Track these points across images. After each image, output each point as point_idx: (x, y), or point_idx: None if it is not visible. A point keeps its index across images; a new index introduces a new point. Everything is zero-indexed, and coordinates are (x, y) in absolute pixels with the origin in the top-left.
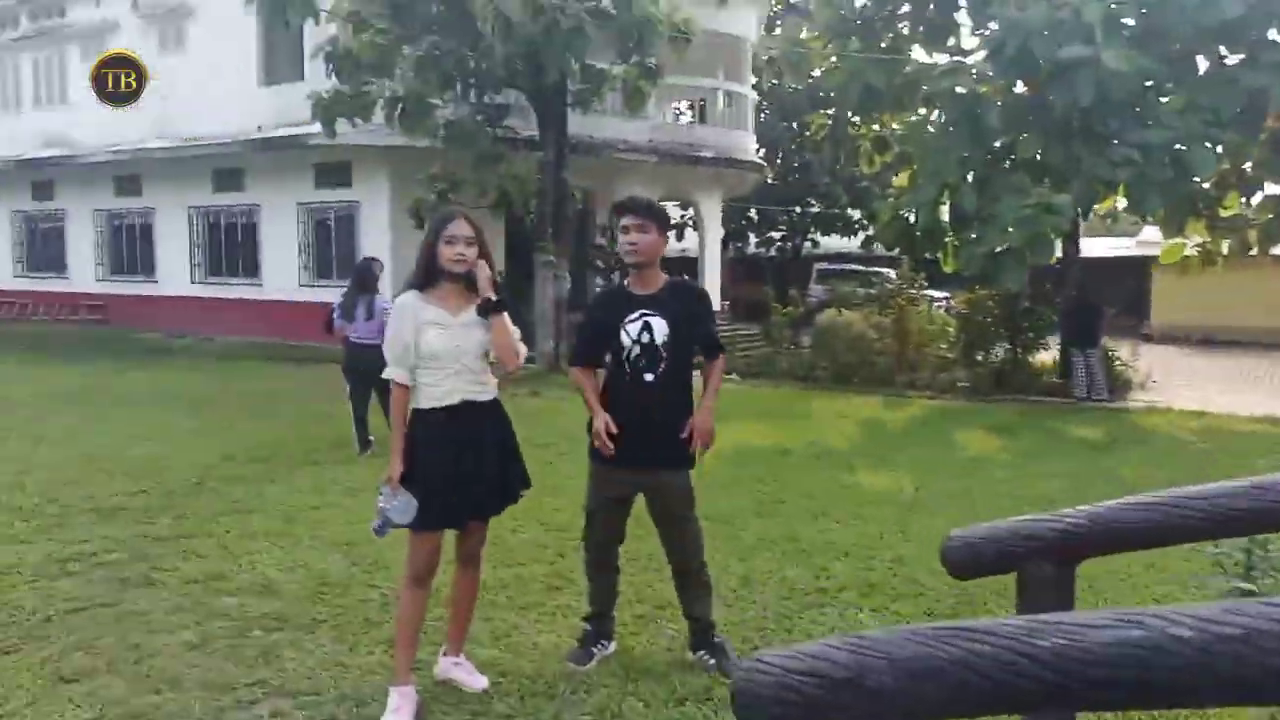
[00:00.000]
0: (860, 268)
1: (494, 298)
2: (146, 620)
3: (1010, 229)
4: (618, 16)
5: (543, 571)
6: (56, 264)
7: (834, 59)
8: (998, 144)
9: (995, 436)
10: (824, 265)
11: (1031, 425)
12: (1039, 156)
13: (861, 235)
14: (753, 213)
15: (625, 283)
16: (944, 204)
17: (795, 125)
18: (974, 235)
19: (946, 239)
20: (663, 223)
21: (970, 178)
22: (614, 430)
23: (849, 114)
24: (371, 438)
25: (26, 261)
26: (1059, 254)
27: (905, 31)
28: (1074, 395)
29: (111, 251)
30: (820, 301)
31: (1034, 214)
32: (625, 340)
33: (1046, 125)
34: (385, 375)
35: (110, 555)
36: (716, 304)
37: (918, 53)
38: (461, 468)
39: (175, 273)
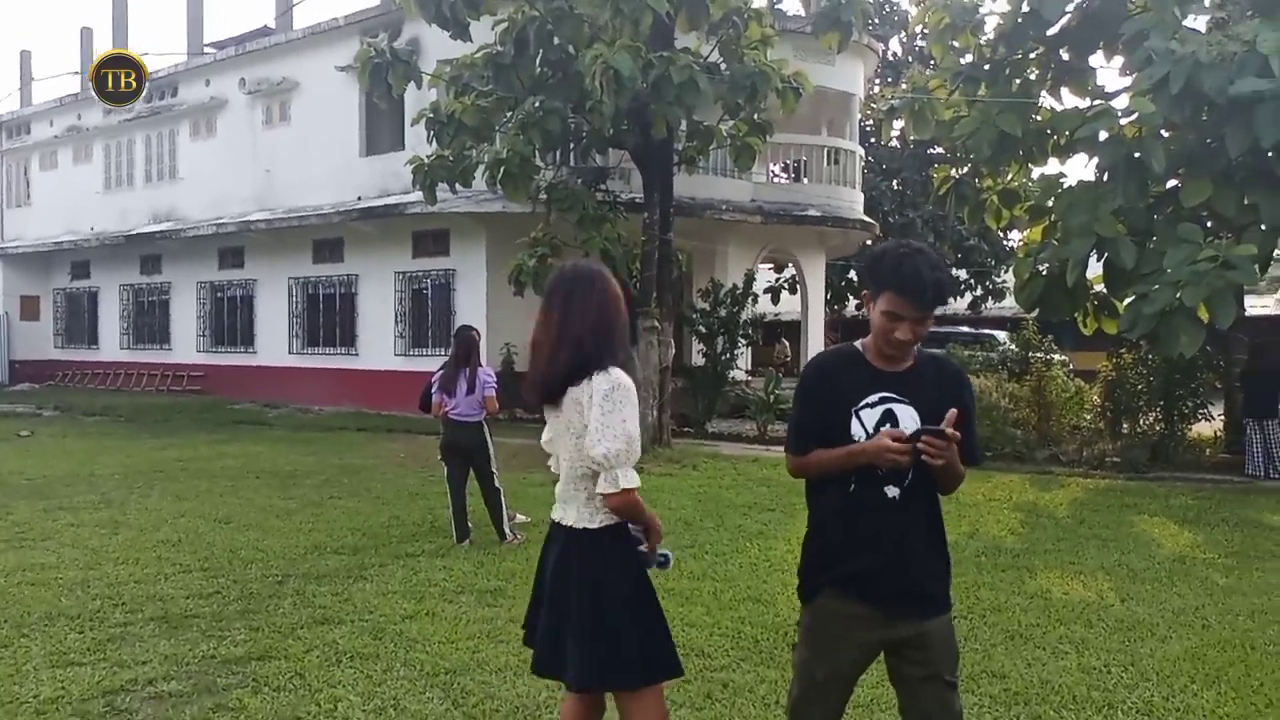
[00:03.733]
0: (968, 330)
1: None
2: None
3: (1182, 286)
4: (729, 70)
5: None
6: (160, 335)
7: (962, 107)
8: (1155, 192)
9: (1183, 528)
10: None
11: (1218, 512)
12: (1204, 204)
13: (969, 296)
14: (852, 274)
15: (859, 347)
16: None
17: (896, 183)
18: (1140, 294)
19: (1089, 299)
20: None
21: (1124, 230)
22: (900, 443)
23: (976, 166)
24: (471, 526)
25: (132, 333)
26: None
27: (1033, 77)
28: (1247, 472)
29: (213, 323)
30: None
31: (1211, 269)
32: (857, 432)
33: (1214, 169)
34: (625, 485)
35: (168, 684)
36: None
37: (1044, 100)
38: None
39: (274, 343)
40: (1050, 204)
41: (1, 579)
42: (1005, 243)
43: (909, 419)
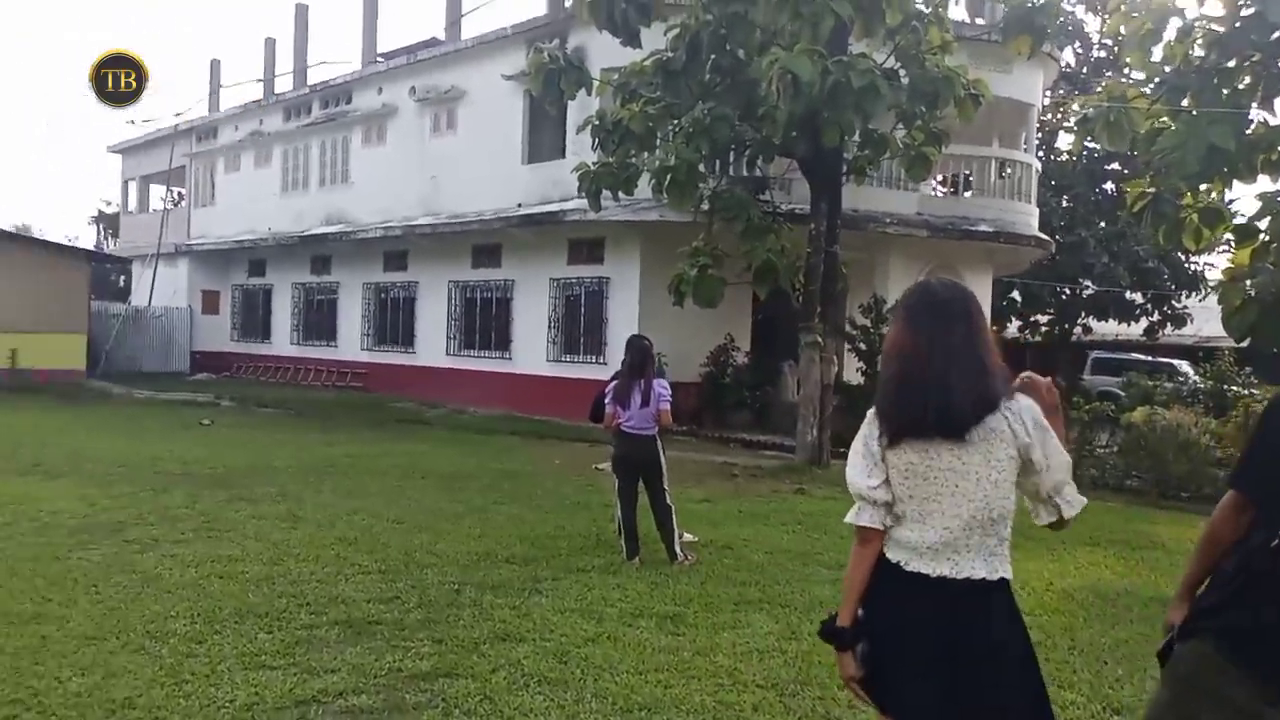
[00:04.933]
0: (1145, 357)
1: None
2: None
3: None
4: (908, 76)
5: None
6: (328, 333)
7: (1163, 118)
8: None
9: None
10: (1101, 354)
11: None
12: None
13: (1145, 322)
14: (1015, 294)
15: None
16: None
17: (1067, 199)
18: None
19: None
20: None
21: None
22: None
23: (1175, 181)
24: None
25: (302, 330)
26: None
27: (1242, 86)
28: None
29: (376, 323)
30: (1102, 394)
31: None
32: None
33: None
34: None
35: (359, 698)
36: None
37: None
38: None
39: (433, 344)
40: (1264, 225)
41: (194, 570)
42: (1187, 265)
43: None
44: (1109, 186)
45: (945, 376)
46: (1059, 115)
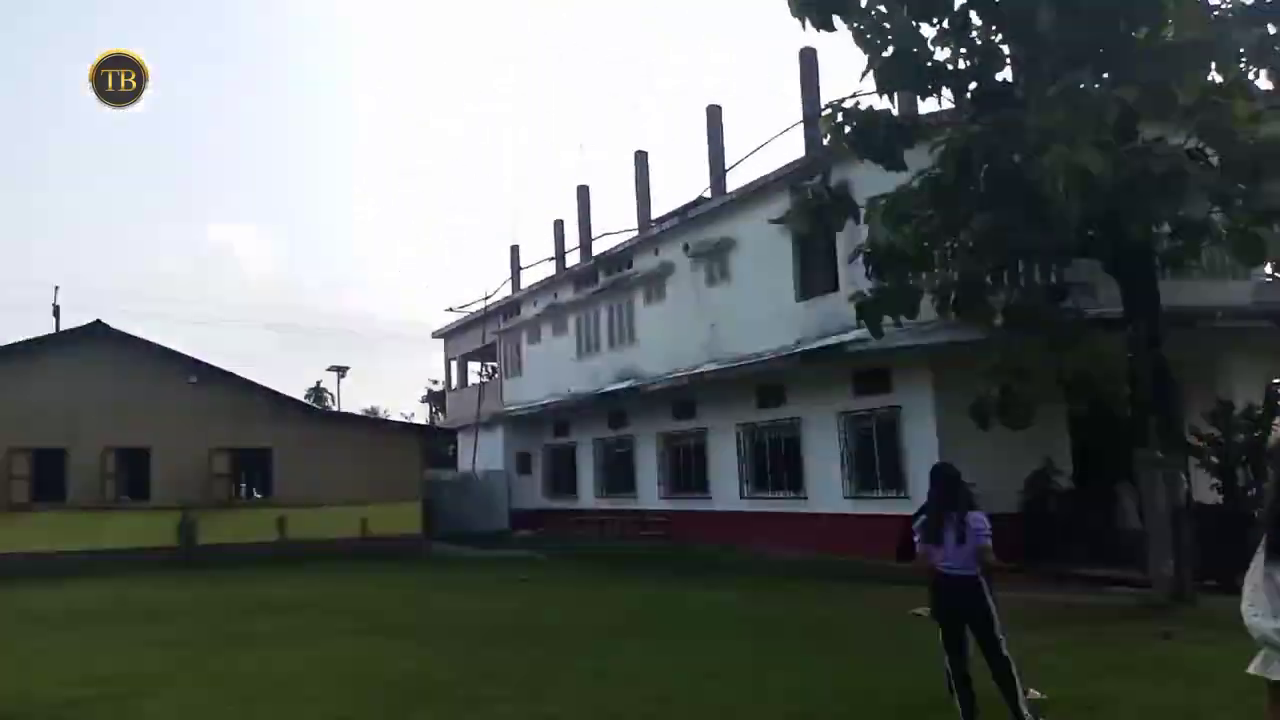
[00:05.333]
0: None
1: None
2: None
3: None
4: (1217, 154)
5: None
6: (627, 484)
7: None
8: None
9: None
10: None
11: None
12: None
13: None
14: None
15: None
16: None
17: None
18: None
19: None
20: None
21: None
22: None
23: None
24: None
25: (604, 483)
26: None
27: None
28: None
29: (670, 471)
30: None
31: None
32: None
33: None
34: None
35: None
36: None
37: None
38: None
39: (726, 489)
40: None
41: None
42: None
43: None
44: None
45: None
46: None
